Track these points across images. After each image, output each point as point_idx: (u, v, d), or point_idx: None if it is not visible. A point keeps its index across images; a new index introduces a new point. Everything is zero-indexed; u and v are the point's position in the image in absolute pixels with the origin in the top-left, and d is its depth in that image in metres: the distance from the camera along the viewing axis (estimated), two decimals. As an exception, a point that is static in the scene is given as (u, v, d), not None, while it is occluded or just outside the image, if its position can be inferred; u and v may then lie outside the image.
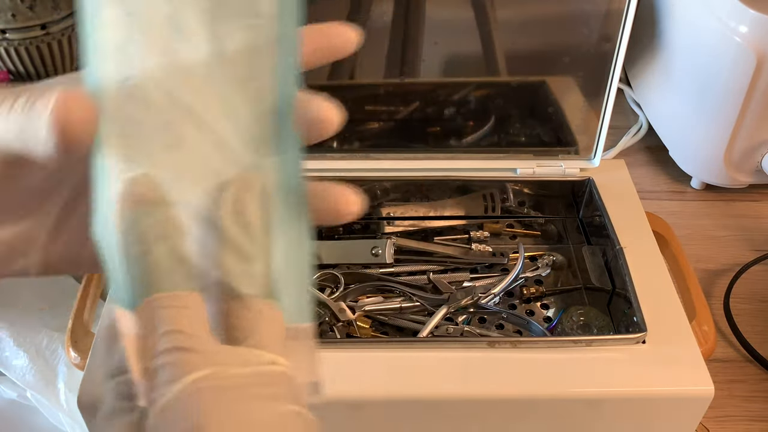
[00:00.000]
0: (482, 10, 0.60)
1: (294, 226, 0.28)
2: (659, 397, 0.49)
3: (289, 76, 0.29)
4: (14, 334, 0.60)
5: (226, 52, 0.27)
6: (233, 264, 0.25)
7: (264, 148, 0.28)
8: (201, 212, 0.25)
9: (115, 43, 0.25)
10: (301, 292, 0.28)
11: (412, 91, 0.64)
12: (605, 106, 0.63)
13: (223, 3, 0.27)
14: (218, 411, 0.22)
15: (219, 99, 0.27)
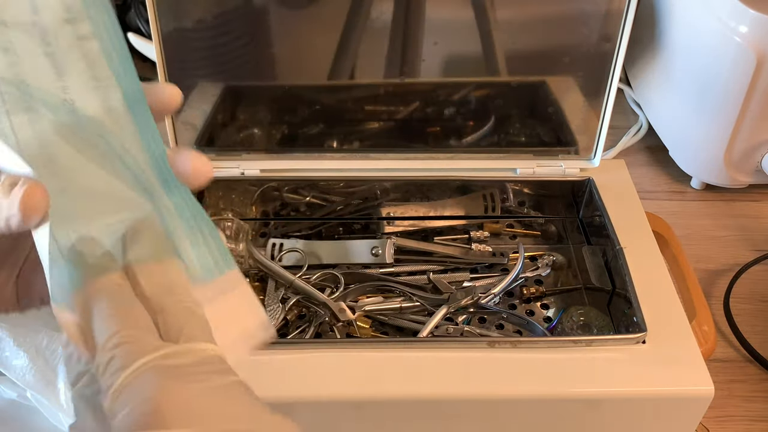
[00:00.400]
0: (482, 10, 0.60)
1: (178, 193, 0.33)
2: (659, 397, 0.49)
3: (151, 129, 0.33)
4: (14, 334, 0.60)
5: (84, 114, 0.32)
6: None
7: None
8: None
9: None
10: (212, 247, 0.33)
11: (412, 91, 0.64)
12: (605, 106, 0.63)
13: (67, 71, 0.31)
14: (169, 386, 0.27)
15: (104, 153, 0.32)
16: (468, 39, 0.61)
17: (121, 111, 0.33)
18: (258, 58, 0.62)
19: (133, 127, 0.33)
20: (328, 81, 0.63)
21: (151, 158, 0.33)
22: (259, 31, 0.60)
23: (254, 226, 0.67)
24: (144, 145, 0.33)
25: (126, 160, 0.33)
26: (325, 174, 0.64)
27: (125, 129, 0.33)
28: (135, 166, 0.33)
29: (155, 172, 0.33)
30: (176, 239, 0.33)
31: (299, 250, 0.62)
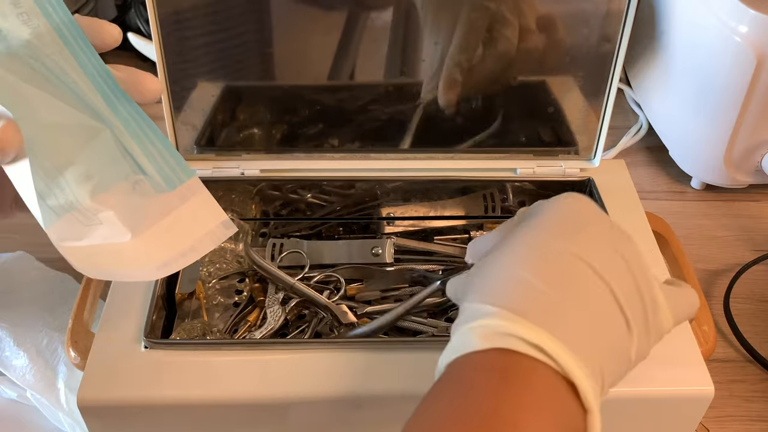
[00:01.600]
0: (482, 10, 0.60)
1: (124, 109, 0.37)
2: (659, 397, 0.49)
3: (87, 53, 0.36)
4: (14, 334, 0.60)
5: (15, 40, 0.35)
6: None
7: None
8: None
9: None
10: (167, 157, 0.37)
11: (412, 91, 0.64)
12: (605, 106, 0.63)
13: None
14: None
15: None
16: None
17: (50, 36, 0.35)
18: (258, 58, 0.62)
19: (66, 50, 0.35)
20: (328, 81, 0.63)
21: (90, 79, 0.36)
22: (259, 31, 0.60)
23: (254, 226, 0.67)
24: (81, 66, 0.36)
25: (67, 82, 0.36)
26: (325, 174, 0.64)
27: (59, 53, 0.35)
28: (77, 88, 0.36)
29: (98, 92, 0.36)
30: (133, 156, 0.36)
31: (299, 251, 0.62)
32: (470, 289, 0.36)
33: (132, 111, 0.37)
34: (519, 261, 0.35)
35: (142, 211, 0.37)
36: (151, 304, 0.52)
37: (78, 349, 0.52)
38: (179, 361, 0.49)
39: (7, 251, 0.68)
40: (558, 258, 0.35)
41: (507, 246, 0.37)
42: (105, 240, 0.37)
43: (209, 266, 0.61)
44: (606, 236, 0.37)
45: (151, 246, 0.37)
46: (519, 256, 0.36)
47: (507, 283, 0.35)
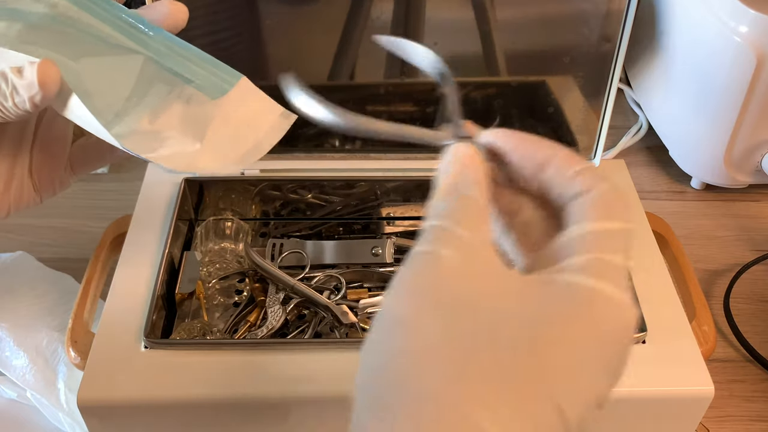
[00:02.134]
0: (482, 10, 0.60)
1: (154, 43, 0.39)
2: (659, 397, 0.49)
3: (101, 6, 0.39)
4: (14, 334, 0.60)
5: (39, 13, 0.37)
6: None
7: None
8: None
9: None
10: (210, 67, 0.39)
11: (412, 91, 0.64)
12: (605, 106, 0.63)
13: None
14: None
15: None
16: (468, 39, 0.61)
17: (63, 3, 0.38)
18: (258, 58, 0.62)
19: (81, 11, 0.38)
20: (328, 81, 0.63)
21: (111, 25, 0.38)
22: (258, 31, 0.60)
23: (254, 226, 0.67)
24: (99, 19, 0.38)
25: (92, 33, 0.38)
26: (325, 174, 0.64)
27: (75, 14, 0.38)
28: (102, 35, 0.38)
29: (124, 34, 0.38)
30: (178, 74, 0.38)
31: (299, 251, 0.62)
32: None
33: (162, 39, 0.39)
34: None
35: (203, 120, 0.38)
36: (151, 304, 0.52)
37: (78, 349, 0.52)
38: (179, 361, 0.49)
39: (7, 251, 0.68)
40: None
41: None
42: (177, 150, 0.38)
43: (209, 266, 0.61)
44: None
45: (221, 147, 0.38)
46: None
47: None
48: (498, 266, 0.26)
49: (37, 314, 0.62)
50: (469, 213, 0.27)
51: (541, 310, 0.25)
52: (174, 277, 0.58)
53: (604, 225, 0.27)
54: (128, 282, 0.54)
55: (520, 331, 0.24)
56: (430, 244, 0.26)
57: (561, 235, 0.28)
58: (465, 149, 0.30)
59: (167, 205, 0.61)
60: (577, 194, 0.28)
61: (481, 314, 0.24)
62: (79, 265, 0.62)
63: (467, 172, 0.29)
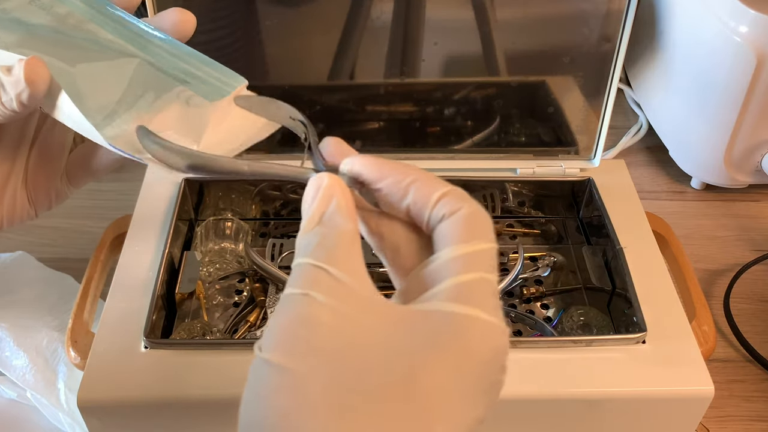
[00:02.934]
0: (482, 10, 0.60)
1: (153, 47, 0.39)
2: (659, 397, 0.49)
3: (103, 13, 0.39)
4: (14, 334, 0.60)
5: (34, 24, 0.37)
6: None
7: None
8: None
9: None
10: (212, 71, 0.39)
11: (412, 91, 0.64)
12: (605, 106, 0.63)
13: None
14: None
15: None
16: (468, 39, 0.61)
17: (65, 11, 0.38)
18: (257, 58, 0.62)
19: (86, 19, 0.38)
20: (328, 81, 0.63)
21: (111, 31, 0.38)
22: (259, 31, 0.60)
23: (254, 226, 0.67)
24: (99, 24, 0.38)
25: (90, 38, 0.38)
26: (325, 174, 0.64)
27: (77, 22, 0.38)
28: (101, 40, 0.38)
29: (123, 39, 0.38)
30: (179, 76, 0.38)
31: (299, 250, 0.62)
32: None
33: (167, 45, 0.39)
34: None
35: (200, 122, 0.38)
36: (151, 304, 0.52)
37: (78, 349, 0.52)
38: (179, 361, 0.49)
39: (7, 251, 0.68)
40: None
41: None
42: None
43: (209, 266, 0.61)
44: None
45: (216, 149, 0.38)
46: None
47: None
48: (370, 301, 0.26)
49: (37, 314, 0.62)
50: (339, 246, 0.27)
51: (413, 342, 0.25)
52: (174, 277, 0.58)
53: (467, 248, 0.27)
54: (128, 282, 0.54)
55: (395, 368, 0.24)
56: (301, 286, 0.26)
57: (430, 261, 0.28)
58: (328, 179, 0.30)
59: (167, 205, 0.61)
60: (442, 217, 0.29)
61: (356, 359, 0.24)
62: (79, 265, 0.62)
63: (331, 203, 0.29)
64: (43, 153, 0.41)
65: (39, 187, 0.41)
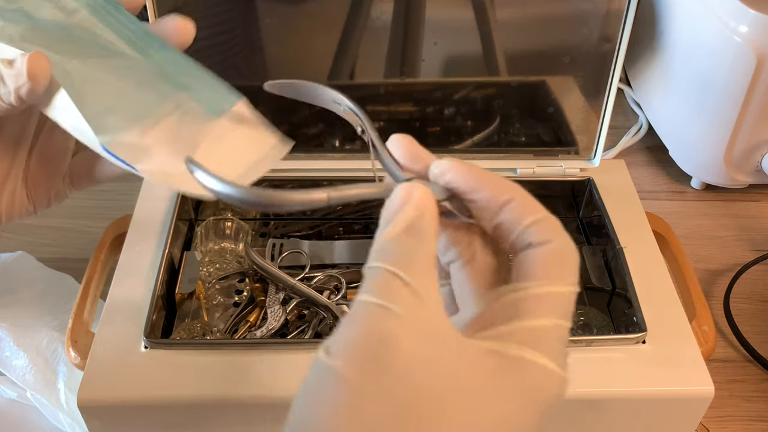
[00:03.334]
0: (482, 10, 0.60)
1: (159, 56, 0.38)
2: (659, 397, 0.49)
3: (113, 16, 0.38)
4: (14, 334, 0.60)
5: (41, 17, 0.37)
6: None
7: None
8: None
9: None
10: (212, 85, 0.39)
11: (412, 91, 0.64)
12: (605, 106, 0.63)
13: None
14: None
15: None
16: (468, 39, 0.61)
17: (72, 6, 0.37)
18: (258, 58, 0.62)
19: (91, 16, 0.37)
20: (328, 81, 0.63)
21: (117, 33, 0.38)
22: (258, 31, 0.60)
23: (254, 226, 0.67)
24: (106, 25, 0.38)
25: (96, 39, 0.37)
26: (325, 174, 0.64)
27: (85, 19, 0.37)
28: (106, 43, 0.37)
29: (128, 43, 0.38)
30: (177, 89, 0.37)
31: (299, 251, 0.62)
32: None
33: (166, 53, 0.38)
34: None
35: (193, 141, 0.37)
36: (151, 304, 0.52)
37: (78, 349, 0.52)
38: (179, 361, 0.49)
39: (7, 251, 0.68)
40: None
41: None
42: (162, 168, 0.37)
43: (209, 266, 0.61)
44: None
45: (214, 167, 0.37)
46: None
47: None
48: (442, 326, 0.26)
49: (37, 314, 0.62)
50: (421, 262, 0.26)
51: (480, 382, 0.25)
52: (174, 277, 0.58)
53: (551, 288, 0.26)
54: (128, 282, 0.54)
55: (460, 408, 0.24)
56: (381, 296, 0.25)
57: (509, 290, 0.27)
58: (420, 192, 0.28)
59: (167, 205, 0.61)
60: (529, 245, 0.27)
61: (426, 394, 0.24)
62: (79, 265, 0.62)
63: (424, 217, 0.27)
64: (44, 152, 0.41)
65: (39, 186, 0.41)
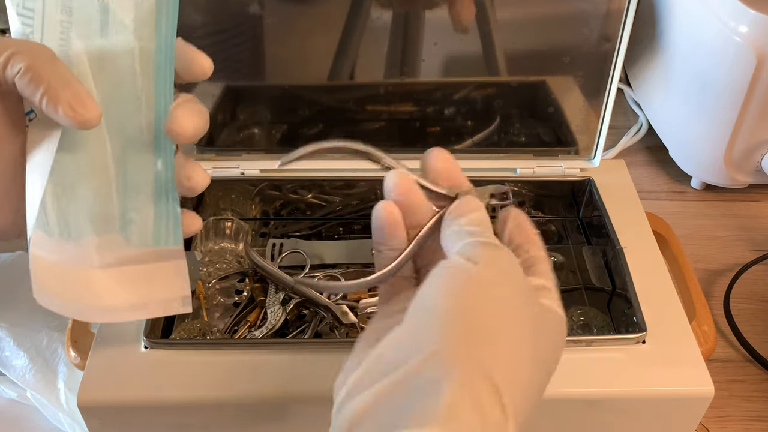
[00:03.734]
0: (482, 10, 0.60)
1: (163, 156, 0.37)
2: (659, 397, 0.49)
3: (167, 89, 0.36)
4: (14, 334, 0.60)
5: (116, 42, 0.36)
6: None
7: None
8: None
9: None
10: (170, 218, 0.37)
11: (412, 91, 0.64)
12: (605, 106, 0.63)
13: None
14: None
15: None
16: (468, 39, 0.61)
17: (150, 57, 0.35)
18: (258, 58, 0.62)
19: (152, 80, 0.35)
20: (328, 81, 0.63)
21: (156, 118, 0.36)
22: (259, 31, 0.60)
23: (254, 226, 0.67)
24: (155, 101, 0.36)
25: (136, 98, 0.36)
26: (325, 174, 0.64)
27: (146, 76, 0.35)
28: (141, 117, 0.36)
29: (153, 131, 0.36)
30: (143, 198, 0.37)
31: (299, 251, 0.62)
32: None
33: (168, 160, 0.37)
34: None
35: (118, 250, 0.38)
36: (151, 304, 0.52)
37: (78, 349, 0.52)
38: (179, 361, 0.49)
39: (6, 251, 0.68)
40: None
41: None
42: (76, 262, 0.37)
43: (209, 266, 0.61)
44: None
45: (110, 284, 0.38)
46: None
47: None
48: (517, 266, 0.36)
49: (37, 314, 0.62)
50: (492, 234, 0.37)
51: (531, 317, 0.35)
52: (174, 277, 0.58)
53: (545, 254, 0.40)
54: (128, 282, 0.54)
55: (523, 325, 0.34)
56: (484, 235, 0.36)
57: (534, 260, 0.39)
58: (479, 203, 0.40)
59: (167, 205, 0.61)
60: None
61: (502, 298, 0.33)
62: (79, 265, 0.62)
63: (484, 213, 0.40)
64: None
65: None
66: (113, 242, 0.38)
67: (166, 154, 0.37)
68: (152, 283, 0.38)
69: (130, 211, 0.37)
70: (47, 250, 0.36)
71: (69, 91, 0.33)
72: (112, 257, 0.38)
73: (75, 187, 0.36)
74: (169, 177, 0.37)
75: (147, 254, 0.38)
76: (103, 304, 0.38)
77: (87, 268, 0.37)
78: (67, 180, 0.36)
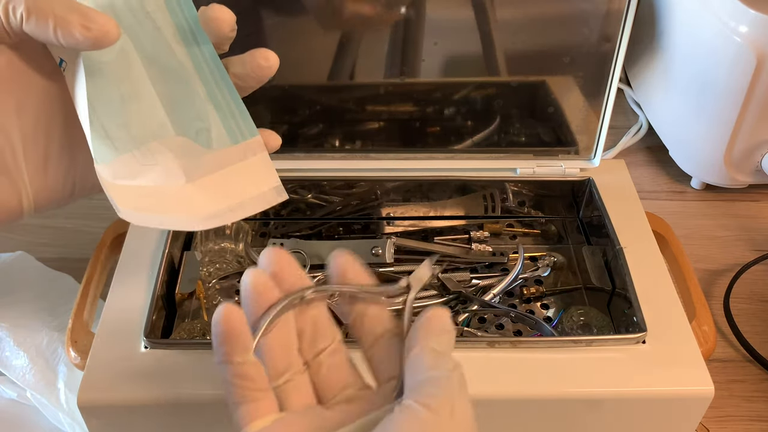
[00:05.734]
0: (482, 10, 0.60)
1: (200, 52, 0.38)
2: (659, 397, 0.49)
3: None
4: (14, 334, 0.60)
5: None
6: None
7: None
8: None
9: None
10: (235, 111, 0.37)
11: (412, 91, 0.64)
12: (605, 106, 0.63)
13: None
14: None
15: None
16: (468, 39, 0.61)
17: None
18: (258, 58, 0.62)
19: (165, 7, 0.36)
20: (328, 81, 0.63)
21: (177, 26, 0.37)
22: (259, 31, 0.60)
23: (254, 226, 0.67)
24: (170, 12, 0.37)
25: (155, 22, 0.36)
26: (325, 174, 0.64)
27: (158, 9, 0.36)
28: (175, 56, 0.36)
29: (183, 41, 0.37)
30: (205, 105, 0.37)
31: (300, 251, 0.62)
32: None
33: (212, 60, 0.37)
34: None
35: (200, 160, 0.37)
36: (151, 304, 0.52)
37: (78, 349, 0.52)
38: (179, 361, 0.49)
39: (7, 251, 0.68)
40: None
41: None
42: (158, 182, 0.37)
43: (209, 266, 0.61)
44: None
45: (203, 194, 0.37)
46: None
47: None
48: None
49: (37, 314, 0.62)
50: None
51: None
52: (174, 277, 0.58)
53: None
54: (128, 282, 0.54)
55: None
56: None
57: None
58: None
59: (167, 205, 0.61)
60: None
61: None
62: (79, 265, 0.62)
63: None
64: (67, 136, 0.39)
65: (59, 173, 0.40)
66: (193, 153, 0.37)
67: (203, 53, 0.37)
68: (242, 183, 0.38)
69: (194, 120, 0.37)
70: (124, 176, 0.36)
71: (77, 14, 0.33)
72: (196, 170, 0.37)
73: (123, 112, 0.36)
74: (218, 76, 0.37)
75: (229, 156, 0.37)
76: (200, 214, 0.37)
77: (175, 184, 0.37)
78: (113, 108, 0.36)
